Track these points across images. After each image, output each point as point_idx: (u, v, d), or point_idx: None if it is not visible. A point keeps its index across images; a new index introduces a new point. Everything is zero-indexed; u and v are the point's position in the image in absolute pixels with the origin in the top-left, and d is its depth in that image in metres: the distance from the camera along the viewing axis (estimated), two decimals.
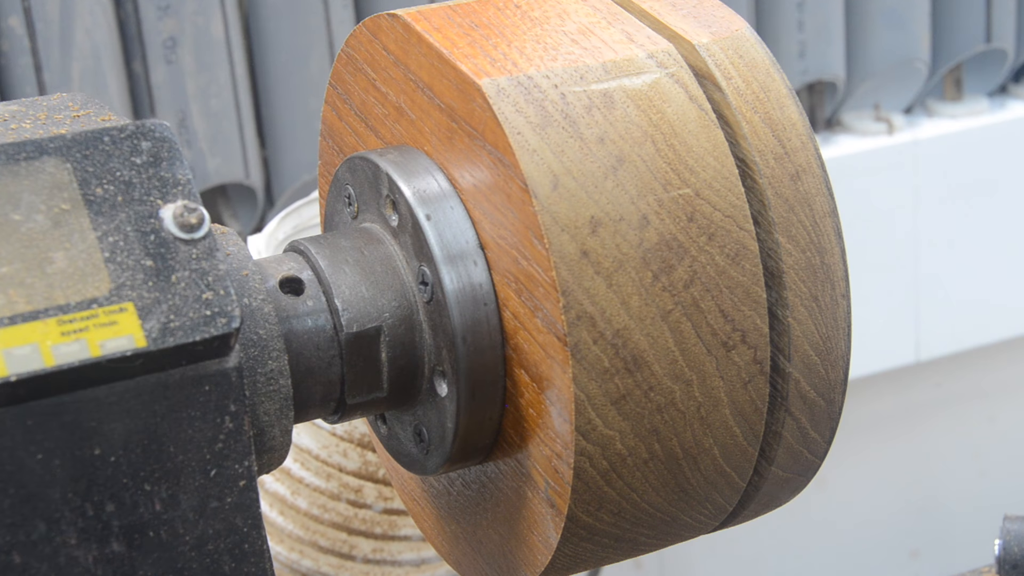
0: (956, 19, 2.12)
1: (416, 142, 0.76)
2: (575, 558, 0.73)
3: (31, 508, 0.63)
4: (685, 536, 0.75)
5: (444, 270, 0.71)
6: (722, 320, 0.69)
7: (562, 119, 0.68)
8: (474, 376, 0.72)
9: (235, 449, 0.66)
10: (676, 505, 0.72)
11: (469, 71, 0.70)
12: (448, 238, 0.72)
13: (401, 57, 0.76)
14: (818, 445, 0.75)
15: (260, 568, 0.68)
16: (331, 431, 1.40)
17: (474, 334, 0.71)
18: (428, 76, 0.73)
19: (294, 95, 1.82)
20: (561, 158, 0.68)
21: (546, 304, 0.68)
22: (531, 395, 0.70)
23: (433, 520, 0.83)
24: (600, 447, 0.68)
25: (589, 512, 0.70)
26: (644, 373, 0.68)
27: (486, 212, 0.71)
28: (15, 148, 0.65)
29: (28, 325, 0.61)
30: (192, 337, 0.63)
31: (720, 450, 0.71)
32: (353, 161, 0.77)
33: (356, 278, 0.74)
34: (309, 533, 1.43)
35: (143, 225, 0.65)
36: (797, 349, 0.72)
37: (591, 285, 0.67)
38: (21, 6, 1.63)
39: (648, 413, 0.69)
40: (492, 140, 0.69)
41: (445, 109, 0.72)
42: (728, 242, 0.69)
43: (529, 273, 0.68)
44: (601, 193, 0.68)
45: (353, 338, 0.73)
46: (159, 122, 0.67)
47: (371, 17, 0.78)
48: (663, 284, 0.68)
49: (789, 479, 0.76)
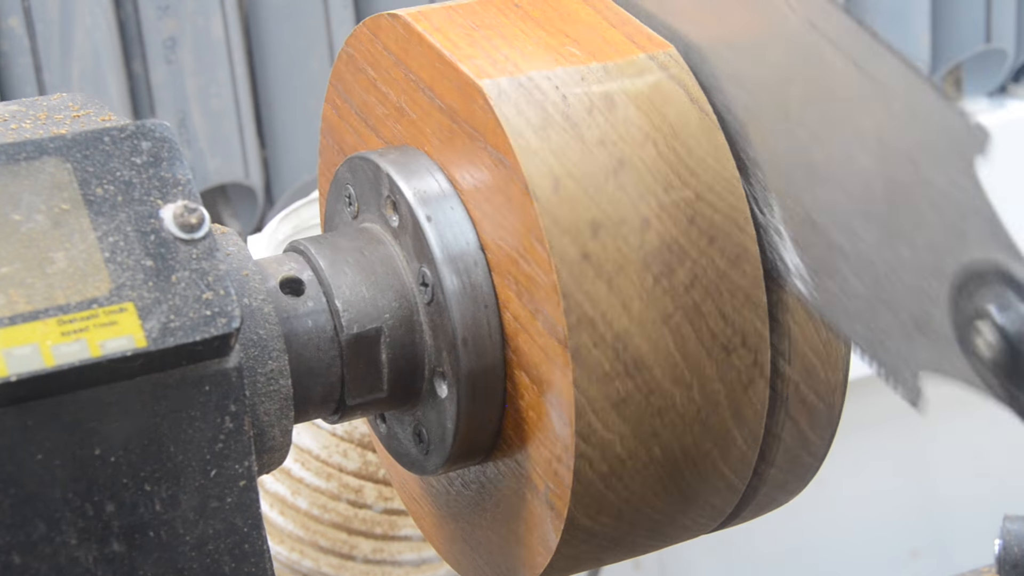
0: (956, 19, 2.12)
1: (417, 142, 0.76)
2: (574, 559, 0.72)
3: (31, 508, 0.63)
4: (683, 537, 0.75)
5: (444, 271, 0.71)
6: (722, 323, 0.69)
7: (563, 121, 0.68)
8: (474, 378, 0.71)
9: (235, 449, 0.66)
10: (675, 508, 0.72)
11: (470, 72, 0.70)
12: (448, 239, 0.72)
13: (402, 57, 0.76)
14: (817, 448, 0.75)
15: (260, 568, 0.68)
16: (331, 431, 1.40)
17: (474, 336, 0.71)
18: (429, 76, 0.73)
19: (294, 95, 1.81)
20: (562, 160, 0.68)
21: (547, 307, 0.67)
22: (531, 397, 0.70)
23: (433, 520, 0.83)
24: (600, 450, 0.68)
25: (589, 515, 0.70)
26: (645, 376, 0.68)
27: (487, 213, 0.71)
28: (15, 148, 0.65)
29: (28, 325, 0.61)
30: (192, 337, 0.63)
31: (720, 453, 0.71)
32: (353, 161, 0.77)
33: (356, 279, 0.74)
34: (309, 533, 1.43)
35: (143, 225, 0.65)
36: (797, 352, 0.72)
37: (592, 288, 0.67)
38: (21, 6, 1.63)
39: (648, 416, 0.68)
40: (493, 141, 0.69)
41: (446, 110, 0.72)
42: (729, 245, 0.69)
43: (530, 275, 0.68)
44: (602, 195, 0.67)
45: (353, 339, 0.73)
46: (159, 122, 0.67)
47: (372, 17, 0.78)
48: (664, 287, 0.68)
49: (788, 481, 0.76)
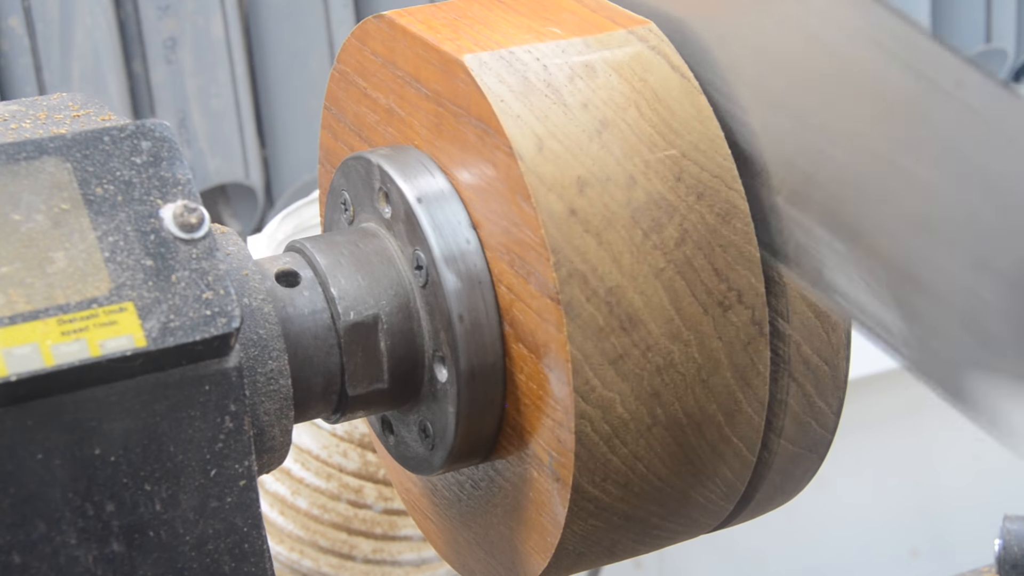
0: (956, 19, 2.12)
1: (407, 139, 0.77)
2: (585, 539, 0.72)
3: (31, 508, 0.63)
4: (698, 519, 0.74)
5: (437, 251, 0.72)
6: (716, 279, 0.69)
7: (544, 87, 0.70)
8: (473, 357, 0.72)
9: (235, 449, 0.66)
10: (684, 478, 0.72)
11: (452, 51, 0.71)
12: (440, 220, 0.73)
13: (388, 56, 0.77)
14: (826, 416, 0.75)
15: (260, 568, 0.68)
16: (331, 431, 1.40)
17: (470, 312, 0.72)
18: (414, 67, 0.75)
19: (294, 95, 1.82)
20: (545, 123, 0.69)
21: (537, 266, 0.68)
22: (530, 368, 0.71)
23: (446, 534, 0.83)
24: (601, 410, 0.68)
25: (594, 483, 0.70)
26: (640, 332, 0.68)
27: (476, 190, 0.72)
28: (15, 148, 0.65)
29: (28, 325, 0.61)
30: (192, 337, 0.63)
31: (724, 417, 0.71)
32: (347, 163, 0.79)
33: (352, 269, 0.75)
34: (309, 533, 1.43)
35: (143, 225, 0.65)
36: (795, 310, 0.72)
37: (581, 243, 0.67)
38: (21, 6, 1.63)
39: (647, 375, 0.69)
40: (476, 112, 0.70)
41: (432, 96, 0.74)
42: (717, 201, 0.70)
43: (519, 239, 0.69)
44: (587, 155, 0.68)
45: (351, 327, 0.73)
46: (159, 122, 0.67)
47: (359, 24, 0.79)
48: (654, 242, 0.68)
49: (799, 455, 0.75)
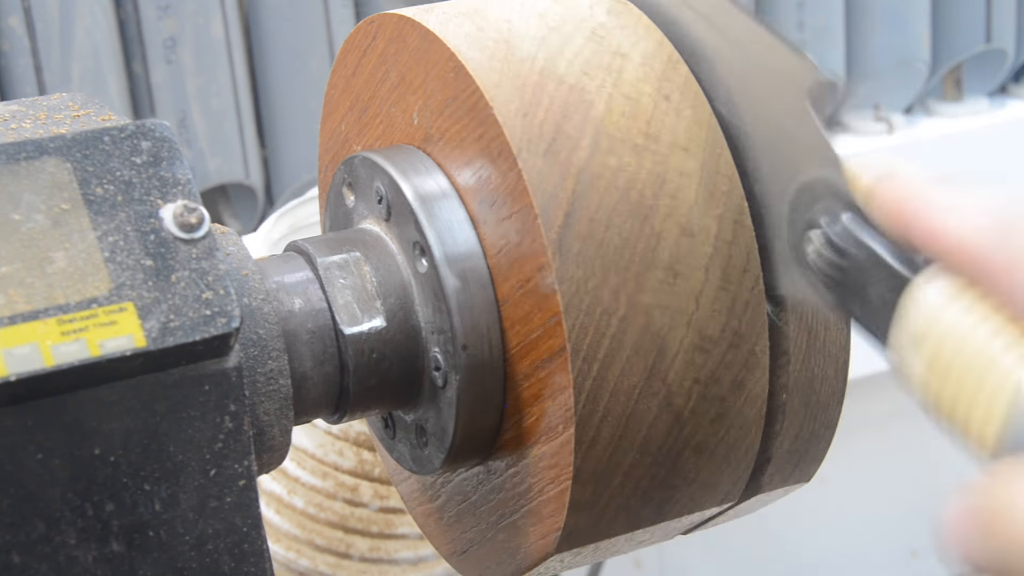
0: (956, 19, 2.12)
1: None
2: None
3: (31, 508, 0.63)
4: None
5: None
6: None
7: (503, 38, 0.71)
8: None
9: (235, 449, 0.66)
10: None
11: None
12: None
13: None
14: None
15: (260, 568, 0.68)
16: (327, 430, 1.40)
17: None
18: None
19: (294, 95, 1.81)
20: (498, 41, 0.71)
21: (516, 205, 0.68)
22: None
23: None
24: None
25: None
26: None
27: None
28: (15, 148, 0.65)
29: (28, 325, 0.61)
30: (192, 337, 0.63)
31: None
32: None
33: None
34: (306, 532, 1.43)
35: (143, 225, 0.65)
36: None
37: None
38: (21, 6, 1.63)
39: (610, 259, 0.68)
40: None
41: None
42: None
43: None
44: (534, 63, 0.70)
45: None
46: (159, 122, 0.67)
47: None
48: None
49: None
